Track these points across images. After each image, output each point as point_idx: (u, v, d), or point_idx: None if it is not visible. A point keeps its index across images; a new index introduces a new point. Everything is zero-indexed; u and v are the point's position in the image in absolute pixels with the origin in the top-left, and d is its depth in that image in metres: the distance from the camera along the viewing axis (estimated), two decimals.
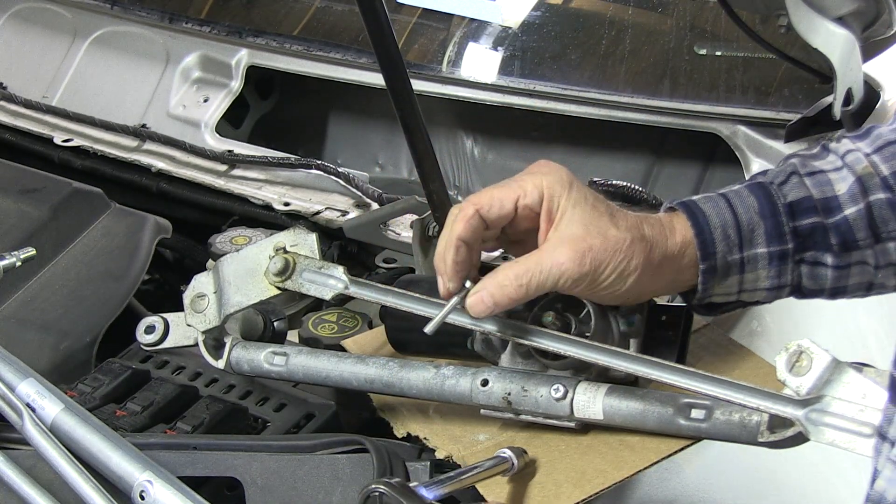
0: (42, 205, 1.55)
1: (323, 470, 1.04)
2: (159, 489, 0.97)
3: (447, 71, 2.02)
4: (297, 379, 1.21)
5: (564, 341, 1.07)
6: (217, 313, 1.20)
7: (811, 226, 1.09)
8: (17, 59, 2.27)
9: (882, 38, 1.59)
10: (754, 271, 1.10)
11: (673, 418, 1.04)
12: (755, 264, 1.09)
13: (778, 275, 1.10)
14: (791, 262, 1.10)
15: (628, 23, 2.03)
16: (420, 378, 1.14)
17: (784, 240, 1.09)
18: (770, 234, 1.09)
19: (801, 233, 1.09)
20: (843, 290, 1.13)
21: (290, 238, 1.20)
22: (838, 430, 0.93)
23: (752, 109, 1.78)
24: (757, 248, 1.09)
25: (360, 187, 1.76)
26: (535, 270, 1.04)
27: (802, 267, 1.10)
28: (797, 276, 1.11)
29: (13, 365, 1.07)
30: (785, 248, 1.09)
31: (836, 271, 1.10)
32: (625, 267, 1.05)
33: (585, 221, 1.04)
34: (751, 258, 1.09)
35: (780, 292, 1.12)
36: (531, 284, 1.04)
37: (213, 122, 2.04)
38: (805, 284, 1.12)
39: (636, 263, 1.05)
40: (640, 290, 1.08)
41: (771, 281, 1.10)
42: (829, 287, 1.12)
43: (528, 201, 1.06)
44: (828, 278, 1.11)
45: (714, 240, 1.08)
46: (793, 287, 1.12)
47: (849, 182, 1.09)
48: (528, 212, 1.07)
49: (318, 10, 2.21)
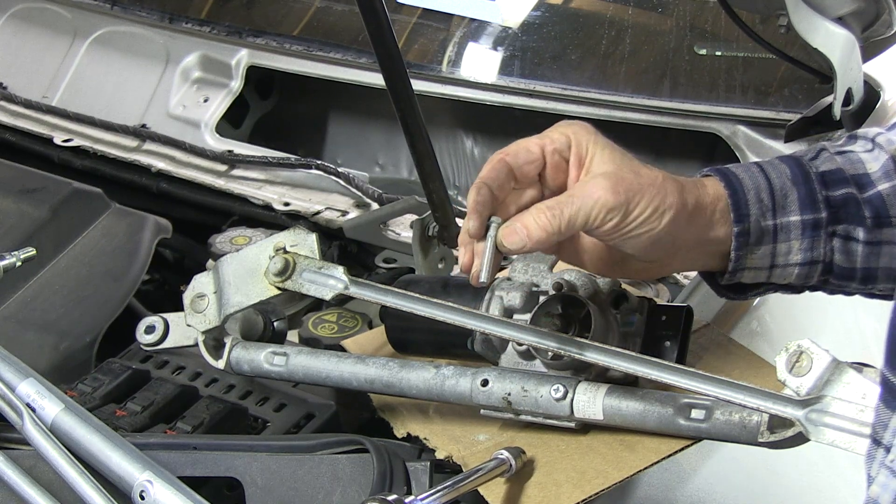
0: (42, 205, 1.55)
1: (323, 470, 1.04)
2: (159, 489, 0.97)
3: (447, 71, 2.02)
4: (297, 379, 1.21)
5: (564, 341, 1.07)
6: (217, 313, 1.20)
7: (844, 196, 1.06)
8: (17, 59, 2.27)
9: (882, 38, 1.59)
10: (787, 241, 1.07)
11: (673, 418, 1.04)
12: (788, 233, 1.06)
13: (811, 247, 1.07)
14: (824, 233, 1.07)
15: (628, 23, 2.03)
16: (420, 378, 1.14)
17: (818, 207, 1.06)
18: (804, 201, 1.06)
19: (834, 203, 1.06)
20: (874, 275, 1.09)
21: (290, 238, 1.20)
22: (838, 431, 0.93)
23: (752, 109, 1.78)
24: (790, 216, 1.06)
25: (360, 187, 1.76)
26: (567, 203, 1.00)
27: (835, 241, 1.07)
28: (829, 251, 1.07)
29: (13, 365, 1.07)
30: (818, 216, 1.06)
31: (868, 247, 1.07)
32: (660, 202, 1.01)
33: (616, 161, 1.03)
34: (784, 226, 1.06)
35: (811, 270, 1.09)
36: (564, 215, 0.99)
37: (213, 122, 2.04)
38: (837, 261, 1.08)
39: (671, 201, 1.01)
40: (674, 240, 1.04)
41: (804, 254, 1.07)
42: (861, 267, 1.09)
43: (557, 146, 1.04)
44: (859, 255, 1.08)
45: (748, 201, 1.05)
46: (825, 266, 1.08)
47: (881, 161, 1.08)
48: (558, 158, 1.05)
49: (318, 10, 2.21)
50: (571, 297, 1.13)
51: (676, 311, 1.14)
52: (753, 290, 1.12)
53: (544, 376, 1.10)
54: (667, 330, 1.13)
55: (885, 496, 0.78)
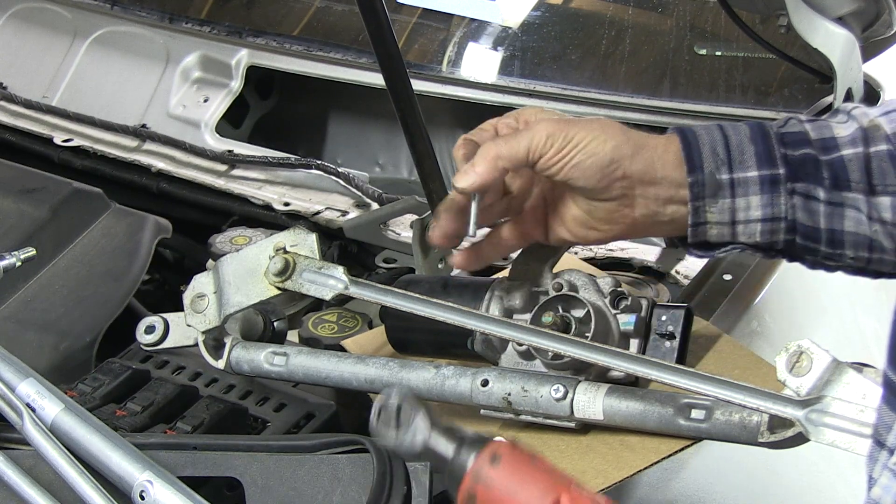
0: (42, 205, 1.54)
1: (323, 470, 1.04)
2: (159, 489, 0.97)
3: (447, 71, 2.02)
4: (297, 379, 1.21)
5: (564, 341, 1.06)
6: (217, 313, 1.20)
7: (803, 156, 1.09)
8: (17, 59, 2.27)
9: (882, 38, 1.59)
10: (745, 196, 1.09)
11: (673, 418, 1.04)
12: (746, 188, 1.09)
13: (770, 203, 1.08)
14: (783, 190, 1.08)
15: (628, 23, 2.03)
16: (420, 378, 1.14)
17: (775, 164, 1.08)
18: (761, 157, 1.09)
19: (793, 161, 1.08)
20: (840, 239, 1.10)
21: (290, 238, 1.20)
22: (838, 431, 0.93)
23: (752, 109, 1.78)
24: (748, 172, 1.09)
25: (360, 187, 1.76)
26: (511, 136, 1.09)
27: (795, 198, 1.08)
28: (791, 209, 1.09)
29: (13, 365, 1.07)
30: (776, 172, 1.08)
31: (829, 207, 1.08)
32: (599, 131, 1.08)
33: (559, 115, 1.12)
34: (741, 181, 1.09)
35: (775, 227, 1.10)
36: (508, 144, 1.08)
37: (213, 122, 2.04)
38: (800, 219, 1.09)
39: (611, 132, 1.08)
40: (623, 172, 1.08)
41: (763, 210, 1.09)
42: (825, 228, 1.09)
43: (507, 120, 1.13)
44: (821, 214, 1.09)
45: (702, 154, 1.09)
46: (788, 225, 1.09)
47: (851, 129, 1.09)
48: (508, 129, 1.12)
49: (318, 10, 2.21)
50: (571, 298, 1.13)
51: (676, 311, 1.14)
52: (720, 247, 1.13)
53: (544, 376, 1.10)
54: (667, 330, 1.13)
55: (887, 498, 0.77)
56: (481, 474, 0.78)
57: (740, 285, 1.43)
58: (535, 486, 0.77)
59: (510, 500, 0.77)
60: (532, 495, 0.76)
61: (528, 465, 0.78)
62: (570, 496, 0.76)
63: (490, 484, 0.78)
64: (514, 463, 0.78)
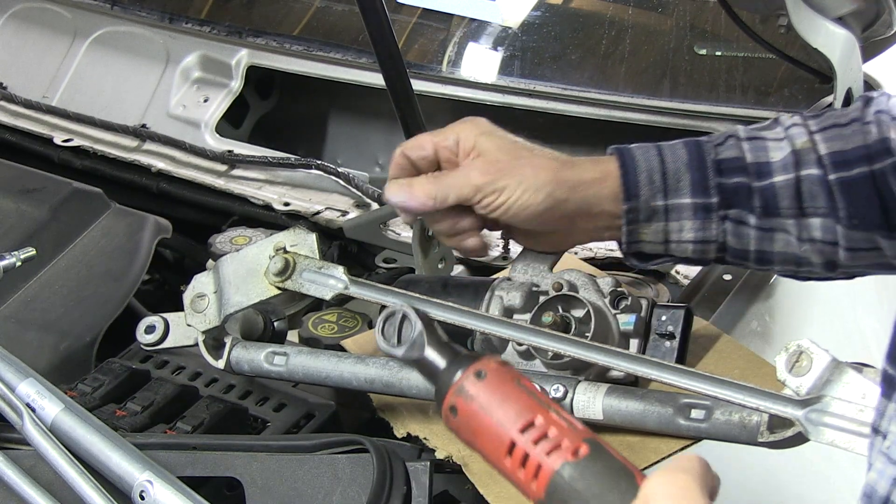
0: (42, 205, 1.54)
1: (323, 470, 1.04)
2: (159, 489, 0.97)
3: (447, 71, 2.02)
4: (296, 379, 1.21)
5: (564, 341, 1.07)
6: (217, 313, 1.20)
7: (736, 185, 1.12)
8: (17, 59, 2.27)
9: (882, 38, 1.59)
10: (678, 220, 1.13)
11: (673, 418, 1.04)
12: (679, 213, 1.13)
13: (702, 227, 1.13)
14: (715, 216, 1.13)
15: (628, 23, 2.03)
16: (420, 378, 1.13)
17: (708, 193, 1.12)
18: (695, 185, 1.12)
19: (726, 189, 1.12)
20: (769, 258, 1.15)
21: (290, 238, 1.20)
22: (838, 430, 0.93)
23: (752, 109, 1.78)
24: (682, 198, 1.13)
25: (360, 187, 1.76)
26: (445, 177, 1.14)
27: (727, 224, 1.13)
28: (722, 233, 1.13)
29: (13, 365, 1.07)
30: (709, 201, 1.12)
31: (759, 232, 1.13)
32: (532, 181, 1.10)
33: (499, 147, 1.13)
34: (675, 207, 1.13)
35: (706, 248, 1.15)
36: (440, 186, 1.13)
37: (213, 122, 2.04)
38: (730, 243, 1.14)
39: (545, 178, 1.10)
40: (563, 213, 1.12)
41: (696, 233, 1.13)
42: (755, 249, 1.14)
43: (447, 143, 1.15)
44: (751, 238, 1.13)
45: (638, 182, 1.12)
46: (718, 245, 1.14)
47: (785, 152, 1.12)
48: (448, 154, 1.15)
49: (318, 10, 2.21)
50: (571, 298, 1.13)
51: (676, 311, 1.14)
52: (654, 259, 1.19)
53: (544, 376, 1.10)
54: (667, 330, 1.13)
55: (881, 483, 0.78)
56: (465, 387, 0.79)
57: (740, 285, 1.43)
58: (513, 405, 0.78)
59: (486, 415, 0.78)
60: (508, 413, 0.77)
61: (512, 384, 0.79)
62: (546, 419, 0.77)
63: (471, 397, 0.79)
64: (497, 380, 0.79)
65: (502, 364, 0.81)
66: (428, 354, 0.82)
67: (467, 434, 0.79)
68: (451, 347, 0.83)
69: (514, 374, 0.80)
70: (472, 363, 0.80)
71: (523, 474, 0.76)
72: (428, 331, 0.83)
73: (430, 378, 0.83)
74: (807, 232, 1.12)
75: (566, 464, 0.74)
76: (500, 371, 0.80)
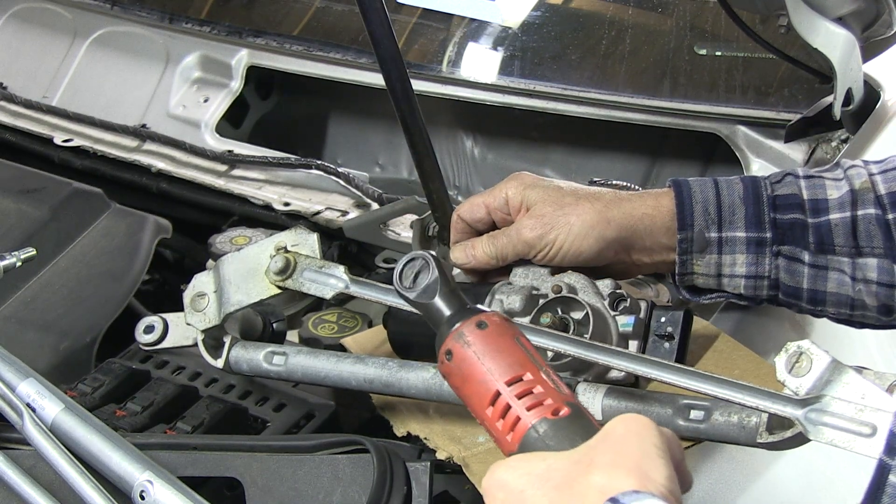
0: (42, 205, 1.55)
1: (323, 470, 1.04)
2: (159, 489, 0.97)
3: (447, 71, 2.02)
4: (296, 379, 1.21)
5: (564, 341, 1.06)
6: (217, 312, 1.20)
7: (791, 221, 1.13)
8: (17, 59, 2.27)
9: (882, 38, 1.59)
10: (732, 254, 1.15)
11: (672, 419, 1.04)
12: (733, 246, 1.14)
13: (755, 262, 1.14)
14: (769, 252, 1.13)
15: (628, 23, 2.03)
16: (419, 378, 1.14)
17: (763, 228, 1.13)
18: (750, 219, 1.14)
19: (781, 225, 1.13)
20: (822, 298, 1.15)
21: (291, 238, 1.20)
22: (837, 430, 0.92)
23: (751, 109, 1.78)
24: (736, 232, 1.14)
25: (360, 187, 1.76)
26: (501, 236, 1.20)
27: (780, 260, 1.14)
28: (774, 269, 1.14)
29: (13, 365, 1.07)
30: (763, 235, 1.13)
31: (813, 270, 1.13)
32: (579, 226, 1.14)
33: (545, 198, 1.18)
34: (729, 240, 1.14)
35: (758, 284, 1.16)
36: (497, 246, 1.20)
37: (213, 122, 2.04)
38: (783, 280, 1.15)
39: (590, 222, 1.14)
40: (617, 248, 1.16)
41: (748, 267, 1.14)
42: (807, 288, 1.14)
43: (497, 204, 1.22)
44: (804, 276, 1.14)
45: (693, 213, 1.15)
46: (771, 282, 1.15)
47: (843, 191, 1.13)
48: (501, 214, 1.22)
49: (318, 10, 2.21)
50: (570, 299, 1.13)
51: (676, 312, 1.14)
52: (707, 293, 1.21)
53: None
54: (666, 331, 1.13)
55: None
56: (464, 334, 0.82)
57: None
58: (505, 358, 0.80)
59: (478, 363, 0.80)
60: (499, 365, 0.79)
61: (510, 339, 0.81)
62: (535, 377, 0.78)
63: (468, 343, 0.81)
64: (496, 333, 0.81)
65: (505, 320, 0.83)
66: (437, 301, 0.86)
67: (457, 379, 0.82)
68: (461, 299, 0.86)
69: (514, 332, 0.82)
70: (477, 314, 0.83)
71: (502, 425, 0.78)
72: (442, 280, 0.87)
73: (434, 324, 0.86)
74: (861, 272, 1.11)
75: (543, 419, 0.76)
76: (502, 325, 0.82)
